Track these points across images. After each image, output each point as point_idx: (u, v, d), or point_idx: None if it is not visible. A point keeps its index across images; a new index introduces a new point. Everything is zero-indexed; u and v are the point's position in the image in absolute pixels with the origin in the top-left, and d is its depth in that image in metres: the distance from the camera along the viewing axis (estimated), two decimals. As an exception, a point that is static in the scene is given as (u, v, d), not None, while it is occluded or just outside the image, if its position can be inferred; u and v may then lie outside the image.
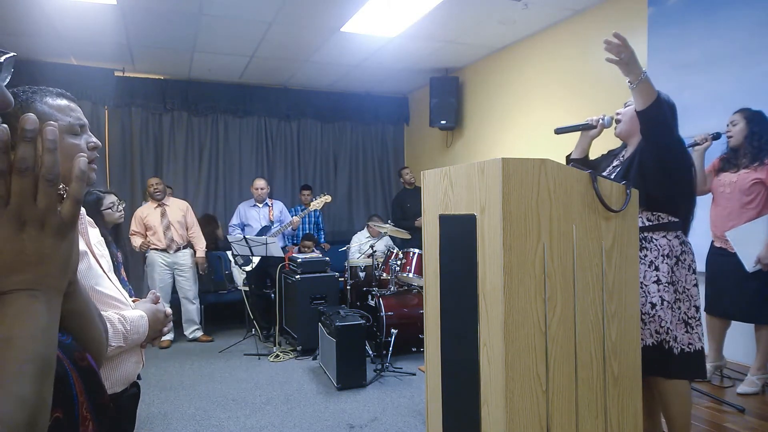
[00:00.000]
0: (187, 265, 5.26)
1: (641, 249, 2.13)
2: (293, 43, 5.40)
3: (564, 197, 1.66)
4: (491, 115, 5.92)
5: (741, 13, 3.47)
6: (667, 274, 2.12)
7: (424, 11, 4.54)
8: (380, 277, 5.00)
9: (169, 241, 5.17)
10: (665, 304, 2.10)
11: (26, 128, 0.48)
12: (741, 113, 3.18)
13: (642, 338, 2.05)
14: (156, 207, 5.22)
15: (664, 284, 2.11)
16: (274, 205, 5.63)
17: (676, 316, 2.11)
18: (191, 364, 4.54)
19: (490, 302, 1.63)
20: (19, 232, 0.49)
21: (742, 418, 2.94)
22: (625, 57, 2.09)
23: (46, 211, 0.50)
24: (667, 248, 2.14)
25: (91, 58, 5.83)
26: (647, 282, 2.13)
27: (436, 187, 1.95)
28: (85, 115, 1.34)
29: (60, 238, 0.52)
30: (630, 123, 2.24)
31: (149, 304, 1.37)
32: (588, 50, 4.60)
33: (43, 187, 0.50)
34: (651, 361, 2.05)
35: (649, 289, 2.13)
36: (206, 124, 6.90)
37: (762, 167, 3.07)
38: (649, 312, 2.11)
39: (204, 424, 3.25)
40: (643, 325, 2.08)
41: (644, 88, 2.07)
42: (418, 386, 3.83)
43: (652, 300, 2.11)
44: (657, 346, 2.10)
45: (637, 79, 2.08)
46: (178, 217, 5.25)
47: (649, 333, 2.11)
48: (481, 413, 1.68)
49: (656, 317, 2.10)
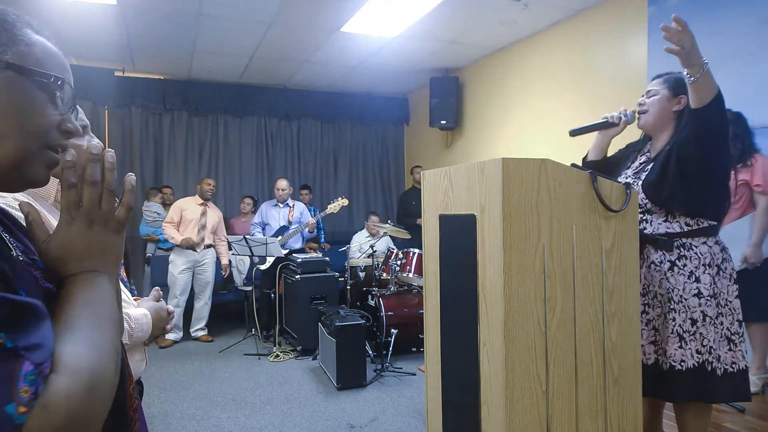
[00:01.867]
0: (208, 263, 5.36)
1: (680, 258, 1.93)
2: (293, 43, 5.40)
3: (564, 197, 1.66)
4: (491, 115, 5.92)
5: (741, 13, 3.47)
6: (708, 285, 1.89)
7: (424, 11, 4.54)
8: (380, 277, 5.00)
9: (200, 239, 5.29)
10: (707, 320, 1.87)
11: (93, 153, 0.63)
12: None
13: (683, 359, 1.88)
14: (200, 204, 5.35)
15: (706, 297, 1.88)
16: (295, 206, 5.63)
17: (719, 333, 1.89)
18: (191, 364, 4.54)
19: (490, 302, 1.63)
20: (89, 228, 0.64)
21: (742, 418, 2.94)
22: (687, 45, 1.72)
23: (108, 213, 0.65)
24: (709, 256, 1.92)
25: (91, 58, 5.83)
26: (687, 295, 1.90)
27: (436, 187, 1.95)
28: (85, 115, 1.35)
29: (117, 235, 0.67)
30: (660, 115, 2.01)
31: (152, 302, 1.38)
32: (588, 50, 4.60)
33: (106, 195, 0.64)
34: (691, 385, 1.87)
35: (688, 303, 1.89)
36: (206, 124, 6.90)
37: (746, 168, 3.13)
38: (690, 329, 1.88)
39: (204, 424, 3.25)
40: (684, 345, 1.88)
41: (706, 81, 1.76)
42: (418, 386, 3.83)
43: (693, 315, 1.88)
44: (699, 367, 1.86)
45: (698, 72, 1.74)
46: (213, 221, 5.41)
47: (690, 353, 1.87)
48: (481, 413, 1.68)
49: (697, 335, 1.87)
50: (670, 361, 1.91)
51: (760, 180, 3.10)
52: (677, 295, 1.92)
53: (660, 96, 2.03)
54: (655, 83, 2.08)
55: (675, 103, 2.02)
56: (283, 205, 5.58)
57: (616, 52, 4.33)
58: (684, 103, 1.98)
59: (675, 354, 1.90)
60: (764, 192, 3.11)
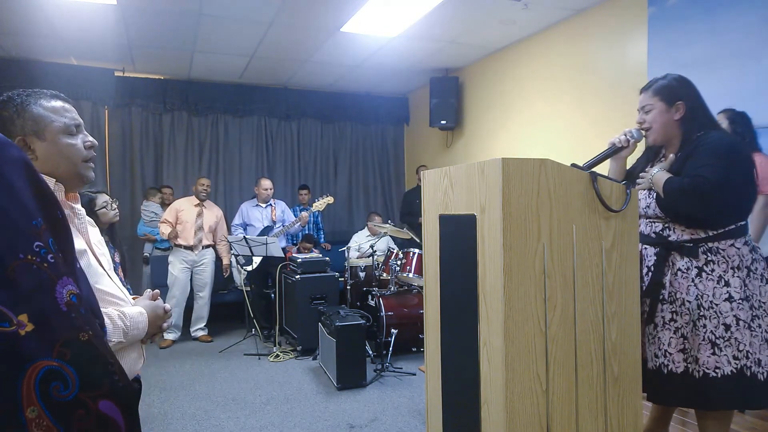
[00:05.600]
0: (207, 263, 5.36)
1: (707, 263, 1.90)
2: (293, 43, 5.40)
3: (564, 197, 1.66)
4: (491, 115, 5.92)
5: (741, 13, 3.47)
6: (740, 289, 1.86)
7: (424, 11, 4.54)
8: (380, 277, 5.00)
9: (198, 241, 5.28)
10: (741, 323, 1.85)
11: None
12: (724, 114, 3.19)
13: (719, 366, 1.85)
14: (196, 205, 5.34)
15: (738, 301, 1.85)
16: (276, 206, 5.64)
17: (757, 336, 1.85)
18: (191, 364, 4.54)
19: (490, 302, 1.63)
20: None
21: (742, 418, 2.94)
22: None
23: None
24: (737, 258, 1.88)
25: (91, 58, 5.83)
26: (717, 300, 1.87)
27: (436, 187, 1.95)
28: (85, 115, 1.35)
29: None
30: (664, 128, 2.02)
31: (148, 301, 1.39)
32: (588, 50, 4.60)
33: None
34: (730, 392, 1.83)
35: (720, 309, 1.86)
36: (206, 124, 6.90)
37: None
38: (724, 335, 1.84)
39: (204, 424, 3.25)
40: (718, 351, 1.85)
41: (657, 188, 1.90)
42: (418, 386, 3.83)
43: (726, 321, 1.85)
44: (737, 373, 1.82)
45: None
46: (210, 221, 5.38)
47: (727, 360, 1.83)
48: (481, 413, 1.68)
49: (732, 340, 1.83)
50: (703, 368, 1.87)
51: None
52: (707, 301, 1.89)
53: (657, 110, 2.02)
54: (647, 97, 2.05)
55: (674, 111, 2.01)
56: (265, 205, 5.58)
57: (616, 51, 4.33)
58: (683, 109, 1.99)
59: (708, 361, 1.87)
60: (760, 192, 3.11)
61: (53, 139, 1.24)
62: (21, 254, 0.56)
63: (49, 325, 0.56)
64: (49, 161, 1.23)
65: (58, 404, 0.54)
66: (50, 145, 1.24)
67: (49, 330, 0.56)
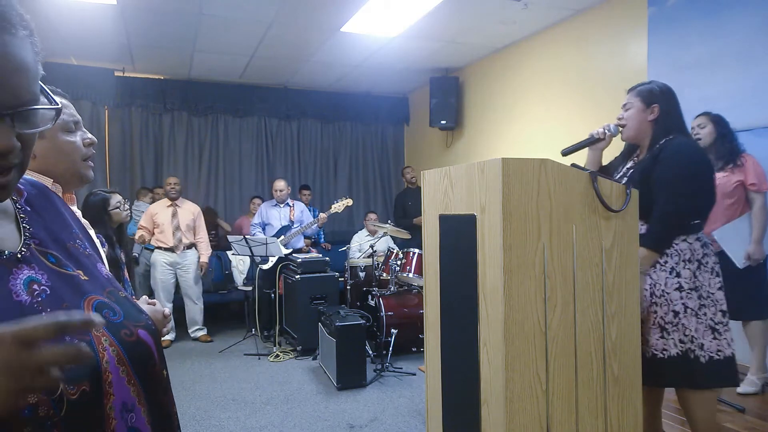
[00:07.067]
0: (190, 264, 5.27)
1: (661, 255, 2.07)
2: (293, 43, 5.40)
3: (564, 197, 1.66)
4: (491, 115, 5.93)
5: (741, 13, 3.47)
6: (689, 279, 2.03)
7: (424, 11, 4.54)
8: (380, 277, 4.99)
9: (177, 241, 5.20)
10: (689, 311, 2.01)
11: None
12: (706, 116, 3.28)
13: (666, 348, 2.01)
14: (168, 206, 5.26)
15: (687, 290, 2.02)
16: (295, 206, 5.62)
17: (702, 323, 2.02)
18: (191, 364, 4.54)
19: (490, 302, 1.63)
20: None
21: (742, 418, 2.94)
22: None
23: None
24: (689, 252, 2.05)
25: (91, 58, 5.83)
26: (669, 289, 2.04)
27: (436, 187, 1.95)
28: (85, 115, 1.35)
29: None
30: (638, 126, 2.17)
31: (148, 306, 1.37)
32: (588, 50, 4.60)
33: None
34: (676, 372, 1.99)
35: (671, 297, 2.03)
36: (206, 124, 6.90)
37: (738, 168, 3.18)
38: (672, 321, 2.01)
39: (204, 424, 3.25)
40: (666, 334, 2.02)
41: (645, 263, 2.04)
42: (418, 386, 3.83)
43: (675, 308, 2.02)
44: (682, 356, 2.00)
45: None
46: (187, 219, 5.29)
47: (673, 343, 2.01)
48: (481, 413, 1.68)
49: (680, 326, 2.00)
50: (651, 350, 2.04)
51: (753, 179, 3.16)
52: (659, 290, 2.05)
53: (635, 108, 2.17)
54: (630, 96, 2.22)
55: (649, 113, 2.15)
56: (283, 205, 5.58)
57: (616, 52, 4.33)
58: (657, 111, 2.14)
59: (657, 344, 2.03)
60: (759, 190, 3.16)
61: (52, 136, 1.21)
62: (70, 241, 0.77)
63: (98, 279, 0.75)
64: (48, 159, 1.21)
65: (109, 323, 0.69)
66: (48, 142, 1.20)
67: (98, 282, 0.74)
